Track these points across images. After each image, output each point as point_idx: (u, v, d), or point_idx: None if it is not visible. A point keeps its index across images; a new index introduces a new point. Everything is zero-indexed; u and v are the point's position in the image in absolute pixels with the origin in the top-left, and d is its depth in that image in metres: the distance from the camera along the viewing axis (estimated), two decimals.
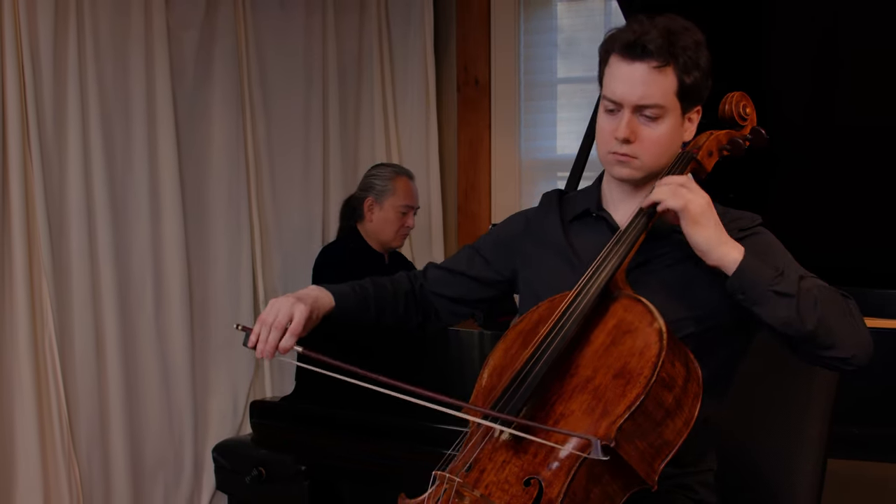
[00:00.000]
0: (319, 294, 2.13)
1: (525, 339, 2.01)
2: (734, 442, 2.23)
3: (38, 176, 3.59)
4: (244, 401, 4.31)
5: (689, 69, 1.99)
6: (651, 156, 2.04)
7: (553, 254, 2.17)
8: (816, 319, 1.87)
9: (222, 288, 4.25)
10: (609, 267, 1.95)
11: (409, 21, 4.88)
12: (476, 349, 3.00)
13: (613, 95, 2.02)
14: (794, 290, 1.88)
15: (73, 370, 3.75)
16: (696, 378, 1.86)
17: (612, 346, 1.88)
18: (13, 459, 3.60)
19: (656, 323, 1.85)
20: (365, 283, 2.23)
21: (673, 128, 2.03)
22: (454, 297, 2.31)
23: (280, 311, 2.03)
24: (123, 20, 3.86)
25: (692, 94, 2.03)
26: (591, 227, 2.17)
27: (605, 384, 1.82)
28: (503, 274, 2.28)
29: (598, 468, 1.77)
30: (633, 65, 1.99)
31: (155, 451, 4.03)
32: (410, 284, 2.30)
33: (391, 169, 4.17)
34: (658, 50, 1.96)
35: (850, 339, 1.90)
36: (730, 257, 1.90)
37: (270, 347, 2.04)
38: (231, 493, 3.76)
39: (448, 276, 2.31)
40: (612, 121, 2.04)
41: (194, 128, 4.14)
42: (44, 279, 3.63)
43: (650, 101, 1.99)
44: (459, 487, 1.84)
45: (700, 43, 2.02)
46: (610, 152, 2.05)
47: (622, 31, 2.02)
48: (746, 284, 1.89)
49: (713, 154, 2.13)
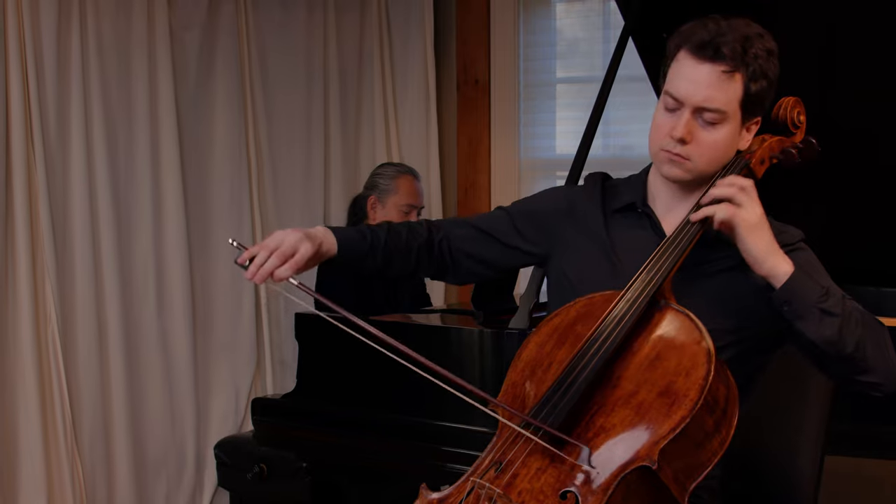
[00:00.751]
0: (325, 237, 2.02)
1: (561, 337, 1.95)
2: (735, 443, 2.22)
3: (41, 175, 3.59)
4: (245, 399, 4.31)
5: (757, 78, 1.94)
6: (704, 160, 1.98)
7: (592, 246, 2.11)
8: (856, 343, 1.85)
9: (224, 287, 4.25)
10: (660, 274, 1.89)
11: (410, 21, 4.88)
12: (476, 347, 3.00)
13: (677, 93, 1.96)
14: (840, 311, 1.86)
15: (76, 369, 3.75)
16: (734, 399, 1.82)
17: (657, 360, 1.83)
18: (17, 457, 3.60)
19: (704, 342, 1.80)
20: (378, 229, 2.12)
21: (731, 135, 1.98)
22: (480, 259, 2.20)
23: (285, 241, 1.94)
24: (126, 20, 3.86)
25: (756, 104, 1.98)
26: (634, 222, 2.11)
27: (648, 401, 1.77)
28: (536, 248, 2.20)
29: (634, 486, 1.73)
30: (702, 65, 1.93)
31: (157, 449, 4.03)
32: (429, 235, 2.16)
33: (395, 168, 4.16)
34: (731, 54, 1.91)
35: (882, 367, 1.89)
36: (781, 269, 1.86)
37: (265, 272, 1.93)
38: (233, 490, 3.76)
39: (478, 235, 2.19)
40: (671, 118, 1.97)
41: (196, 127, 4.13)
42: (47, 279, 3.63)
43: (712, 106, 1.93)
44: (497, 497, 1.77)
45: (772, 52, 1.97)
46: (663, 149, 1.99)
47: (698, 28, 1.96)
48: (794, 298, 1.86)
49: (765, 162, 2.07)
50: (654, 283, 1.88)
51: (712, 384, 1.75)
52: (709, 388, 1.74)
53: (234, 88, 4.22)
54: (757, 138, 2.08)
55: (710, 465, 1.78)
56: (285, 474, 3.58)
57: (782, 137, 2.11)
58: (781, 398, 2.39)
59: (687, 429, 1.72)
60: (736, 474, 2.26)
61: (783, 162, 2.09)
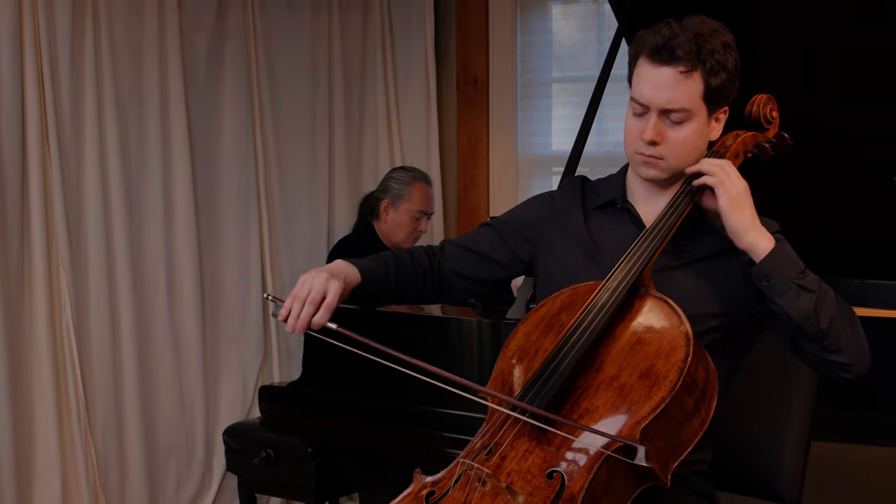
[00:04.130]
0: (347, 269, 2.03)
1: (547, 326, 1.96)
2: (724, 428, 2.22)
3: (56, 172, 3.59)
4: (253, 386, 4.31)
5: (716, 72, 1.94)
6: (677, 157, 2.00)
7: (573, 243, 2.13)
8: (830, 320, 1.87)
9: (232, 279, 4.25)
10: (640, 263, 1.91)
11: (411, 23, 4.87)
12: (474, 336, 3.00)
13: (641, 98, 1.98)
14: (816, 288, 1.88)
15: (90, 358, 3.75)
16: (713, 381, 1.83)
17: (638, 344, 1.84)
18: (33, 442, 3.60)
19: (683, 327, 1.82)
20: (386, 258, 2.15)
21: (699, 129, 1.99)
22: (471, 276, 2.23)
23: (314, 287, 1.92)
24: (138, 22, 3.86)
25: (719, 97, 1.98)
26: (614, 218, 2.12)
27: (630, 384, 1.79)
28: (521, 256, 2.22)
29: (618, 466, 1.74)
30: (660, 69, 1.94)
31: (168, 435, 4.03)
32: (429, 259, 2.21)
33: (410, 174, 4.14)
34: (686, 55, 1.92)
35: (853, 347, 1.91)
36: (762, 244, 1.89)
37: (304, 322, 1.92)
38: (241, 474, 3.76)
39: (467, 254, 2.22)
40: (640, 122, 1.99)
41: (206, 125, 4.13)
42: (62, 271, 3.63)
43: (676, 106, 1.95)
44: (485, 476, 1.78)
45: (728, 45, 1.97)
46: (637, 153, 2.01)
47: (651, 34, 1.97)
48: (773, 273, 1.88)
49: (739, 156, 2.09)
50: (634, 271, 1.90)
51: (691, 366, 1.77)
52: (687, 370, 1.76)
53: (242, 88, 4.22)
54: (731, 133, 2.10)
55: (692, 444, 1.80)
56: (291, 459, 3.57)
57: (756, 133, 2.14)
58: (768, 386, 2.39)
59: (667, 409, 1.74)
60: (724, 459, 2.26)
61: (757, 156, 2.13)
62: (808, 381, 2.36)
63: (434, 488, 1.86)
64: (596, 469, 1.72)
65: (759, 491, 2.38)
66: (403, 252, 2.20)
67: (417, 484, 1.89)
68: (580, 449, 1.76)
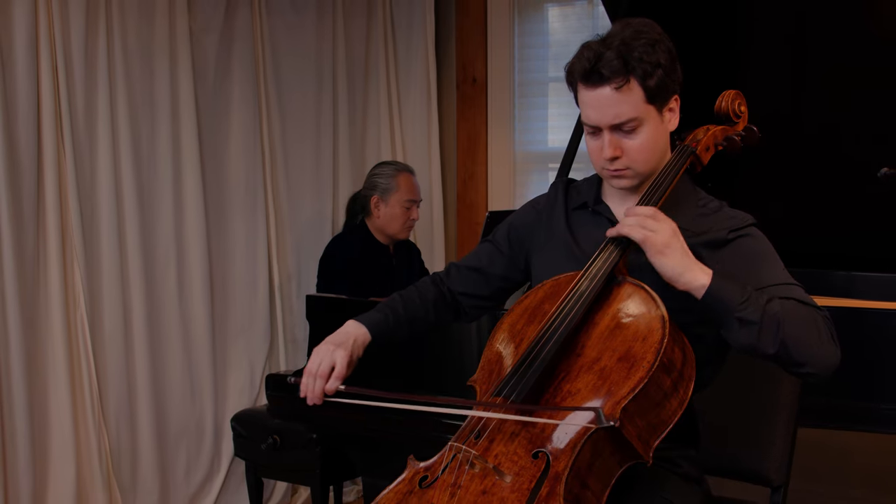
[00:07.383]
0: (357, 332, 2.10)
1: (531, 316, 1.98)
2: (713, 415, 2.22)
3: (70, 169, 3.58)
4: (260, 375, 4.31)
5: (650, 74, 1.91)
6: (642, 162, 1.98)
7: (558, 243, 2.14)
8: (779, 344, 1.81)
9: (240, 272, 4.25)
10: (615, 253, 1.91)
11: (412, 25, 4.87)
12: (474, 328, 2.99)
13: (589, 121, 1.98)
14: (758, 317, 1.81)
15: (103, 347, 3.75)
16: (691, 362, 1.84)
17: (617, 329, 1.85)
18: (48, 429, 3.60)
19: (659, 310, 1.83)
20: (394, 303, 2.18)
21: (654, 130, 1.97)
22: (477, 294, 2.25)
23: (322, 361, 2.03)
24: (149, 24, 3.85)
25: (662, 92, 1.95)
26: (590, 219, 2.12)
27: (610, 366, 1.80)
28: (518, 264, 2.23)
29: (601, 444, 1.76)
30: (595, 90, 1.93)
31: (178, 421, 4.03)
32: (437, 288, 2.24)
33: (393, 167, 4.13)
34: (615, 72, 1.90)
35: (813, 359, 1.84)
36: (696, 283, 1.83)
37: (318, 394, 2.04)
38: (248, 459, 3.76)
39: (470, 274, 2.25)
40: (597, 141, 1.99)
41: (214, 124, 4.13)
42: (76, 265, 3.63)
43: (624, 118, 1.93)
44: (473, 458, 1.81)
45: (656, 41, 1.93)
46: (603, 168, 2.01)
47: (578, 61, 1.96)
48: (711, 307, 1.83)
49: (710, 149, 2.11)
50: (611, 261, 1.91)
51: (667, 347, 1.78)
52: (664, 351, 1.77)
53: (250, 87, 4.21)
54: (702, 128, 2.12)
55: (672, 422, 1.81)
56: (297, 445, 3.58)
57: (726, 126, 2.16)
58: (756, 373, 2.38)
59: (646, 388, 1.75)
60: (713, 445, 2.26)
61: (727, 149, 2.14)
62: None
63: (427, 473, 1.89)
64: (579, 448, 1.74)
65: (747, 476, 2.38)
66: (410, 289, 2.23)
67: (411, 470, 1.93)
68: (562, 430, 1.78)
